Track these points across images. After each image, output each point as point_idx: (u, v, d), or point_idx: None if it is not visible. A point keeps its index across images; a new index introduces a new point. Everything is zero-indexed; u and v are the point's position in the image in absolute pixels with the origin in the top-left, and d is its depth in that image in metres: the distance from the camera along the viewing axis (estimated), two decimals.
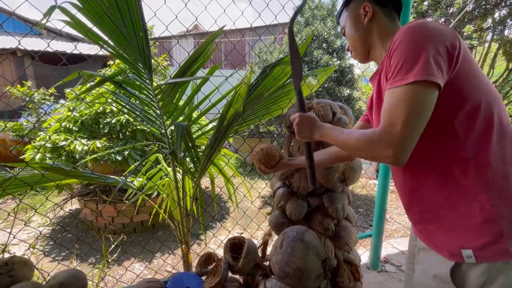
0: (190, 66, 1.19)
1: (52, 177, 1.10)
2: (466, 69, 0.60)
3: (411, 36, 0.59)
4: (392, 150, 0.58)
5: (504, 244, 0.57)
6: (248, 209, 3.02)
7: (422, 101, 0.56)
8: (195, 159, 1.36)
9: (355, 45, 0.86)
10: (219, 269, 1.29)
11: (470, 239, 0.61)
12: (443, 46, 0.57)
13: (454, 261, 0.62)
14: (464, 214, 0.62)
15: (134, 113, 1.41)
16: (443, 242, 0.66)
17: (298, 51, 0.95)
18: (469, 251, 0.60)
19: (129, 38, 1.15)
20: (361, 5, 0.80)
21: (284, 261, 0.86)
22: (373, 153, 0.63)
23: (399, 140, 0.57)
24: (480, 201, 0.60)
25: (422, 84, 0.56)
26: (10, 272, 0.99)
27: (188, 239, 1.51)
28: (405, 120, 0.56)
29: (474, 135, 0.61)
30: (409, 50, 0.58)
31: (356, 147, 0.67)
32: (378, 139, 0.60)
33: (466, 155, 0.61)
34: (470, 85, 0.61)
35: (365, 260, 1.96)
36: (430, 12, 3.80)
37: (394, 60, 0.61)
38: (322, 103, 1.25)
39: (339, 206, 1.24)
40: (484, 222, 0.59)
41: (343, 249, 1.30)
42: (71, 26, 1.07)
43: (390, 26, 0.79)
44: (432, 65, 0.56)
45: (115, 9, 1.08)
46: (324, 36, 3.14)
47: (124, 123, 2.52)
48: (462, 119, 0.61)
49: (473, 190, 0.61)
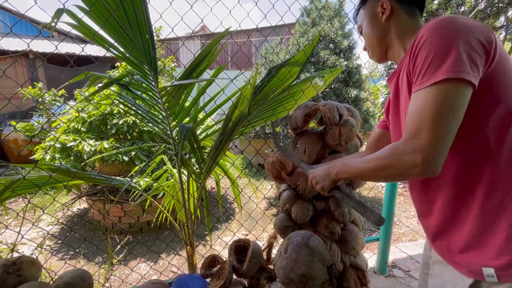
0: (195, 67, 1.19)
1: (59, 178, 1.11)
2: (502, 68, 0.55)
3: (439, 31, 0.54)
4: (421, 156, 0.51)
5: None
6: (254, 211, 3.01)
7: (453, 101, 0.50)
8: (200, 160, 1.36)
9: (372, 44, 0.81)
10: (223, 272, 1.29)
11: (492, 257, 0.56)
12: (476, 41, 0.52)
13: (474, 278, 0.58)
14: (487, 230, 0.57)
15: (140, 115, 1.42)
16: (462, 259, 0.61)
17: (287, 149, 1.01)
18: (491, 270, 0.56)
19: (135, 41, 1.15)
20: (379, 2, 0.75)
21: (288, 267, 0.84)
22: (399, 166, 0.55)
23: (428, 145, 0.51)
24: (507, 217, 0.55)
25: (453, 82, 0.50)
26: (18, 271, 1.00)
27: (193, 240, 1.51)
28: (434, 122, 0.50)
29: (506, 144, 0.55)
30: (437, 47, 0.52)
31: (379, 167, 0.60)
32: (403, 148, 0.54)
33: (497, 166, 0.56)
34: (505, 85, 0.55)
35: (372, 264, 1.92)
36: (440, 11, 3.72)
37: (420, 59, 0.55)
38: (328, 105, 1.23)
39: (346, 210, 1.21)
40: (508, 239, 0.55)
41: (350, 253, 1.27)
42: (77, 29, 1.08)
43: (410, 24, 0.73)
44: (465, 61, 0.50)
45: (121, 11, 1.08)
46: (331, 37, 3.11)
47: (131, 124, 2.54)
48: (494, 126, 0.55)
49: (500, 204, 0.56)
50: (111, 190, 2.94)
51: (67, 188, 1.87)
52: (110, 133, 2.52)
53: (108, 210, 2.66)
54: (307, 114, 1.29)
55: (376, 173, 0.62)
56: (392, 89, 0.74)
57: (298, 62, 1.35)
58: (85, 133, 2.59)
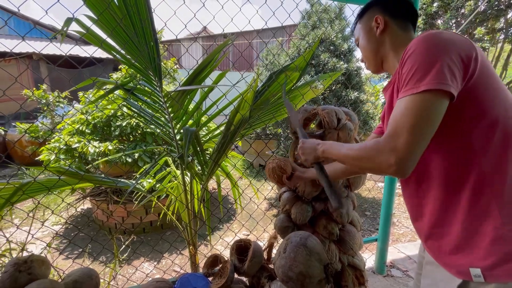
0: (199, 74, 1.23)
1: (68, 180, 1.16)
2: (484, 81, 0.59)
3: (425, 45, 0.58)
4: (395, 158, 0.56)
5: None
6: (255, 212, 3.05)
7: (431, 110, 0.55)
8: (203, 163, 1.41)
9: (368, 56, 0.86)
10: (225, 271, 1.33)
11: (479, 258, 0.59)
12: (457, 56, 0.56)
13: (462, 279, 0.62)
14: (474, 231, 0.61)
15: (145, 118, 1.47)
16: (452, 259, 0.65)
17: (291, 104, 1.05)
18: (478, 270, 0.59)
19: (140, 48, 1.20)
20: (374, 17, 0.80)
21: (287, 266, 0.88)
22: (375, 161, 0.60)
23: (404, 148, 0.55)
24: (492, 219, 0.58)
25: (433, 93, 0.55)
26: (29, 270, 1.05)
27: (196, 240, 1.55)
28: (411, 128, 0.55)
29: (491, 151, 0.59)
30: (422, 59, 0.57)
31: (358, 157, 0.65)
32: (382, 147, 0.59)
33: (482, 171, 0.59)
34: (489, 97, 0.59)
35: (371, 264, 1.96)
36: (440, 13, 3.75)
37: (406, 69, 0.60)
38: (327, 109, 1.27)
39: (344, 211, 1.25)
40: (494, 240, 0.58)
41: (348, 253, 1.31)
42: (86, 37, 1.12)
43: (404, 37, 0.78)
44: (445, 74, 0.54)
45: (128, 20, 1.13)
46: (331, 39, 3.15)
47: (135, 126, 2.59)
48: (480, 134, 0.59)
49: (485, 207, 0.59)
50: (114, 190, 2.99)
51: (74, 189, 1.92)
52: (114, 134, 2.57)
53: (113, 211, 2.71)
54: (307, 118, 1.33)
55: (355, 161, 0.67)
56: (388, 98, 0.78)
57: (298, 67, 1.39)
58: (89, 134, 2.64)
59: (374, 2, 0.83)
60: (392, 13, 0.79)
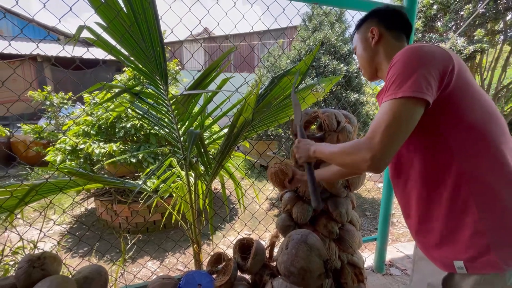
0: (204, 79, 1.28)
1: (78, 181, 1.21)
2: (461, 90, 0.64)
3: (407, 57, 0.64)
4: (370, 155, 0.62)
5: (494, 256, 0.60)
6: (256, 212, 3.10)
7: (405, 114, 0.61)
8: (207, 164, 1.45)
9: (364, 64, 0.91)
10: (229, 268, 1.37)
11: (461, 251, 0.64)
12: (434, 68, 0.62)
13: (447, 271, 0.67)
14: (455, 227, 0.66)
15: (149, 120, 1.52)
16: (438, 253, 0.69)
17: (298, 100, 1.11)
18: (460, 262, 0.64)
19: (147, 53, 1.25)
20: (369, 28, 0.85)
21: (289, 261, 0.93)
22: (354, 157, 0.67)
23: (379, 147, 0.62)
24: (471, 215, 0.63)
25: (408, 99, 0.61)
26: (42, 266, 1.09)
27: (200, 239, 1.60)
28: (386, 129, 0.61)
29: (467, 153, 0.64)
30: (402, 69, 0.63)
31: (340, 153, 0.72)
32: (361, 145, 0.65)
33: (460, 172, 0.64)
34: (465, 105, 0.64)
35: (370, 263, 2.00)
36: (439, 16, 3.79)
37: (389, 77, 0.66)
38: (327, 112, 1.31)
39: (343, 211, 1.30)
40: (473, 235, 0.63)
41: (347, 251, 1.35)
42: (96, 44, 1.17)
43: (397, 48, 0.82)
44: (421, 83, 0.60)
45: (136, 27, 1.18)
46: (331, 42, 3.19)
47: (139, 127, 2.64)
48: (457, 137, 0.64)
49: (465, 204, 0.64)
50: (118, 190, 3.04)
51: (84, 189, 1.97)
52: (118, 136, 2.62)
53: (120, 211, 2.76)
54: (307, 120, 1.38)
55: (338, 157, 0.74)
56: (380, 103, 0.83)
57: (299, 71, 1.44)
58: (94, 136, 2.69)
59: (371, 14, 0.88)
60: (386, 24, 0.84)
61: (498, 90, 4.27)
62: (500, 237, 0.61)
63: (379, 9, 0.88)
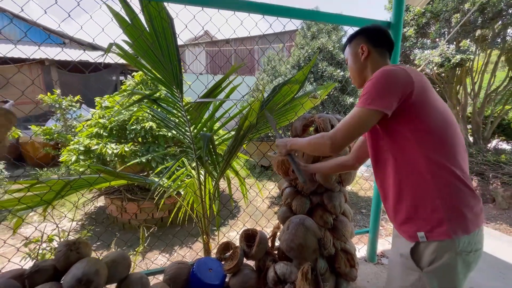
0: (214, 89, 1.47)
1: (106, 177, 1.39)
2: (420, 103, 0.82)
3: (379, 77, 0.83)
4: (330, 142, 0.89)
5: (446, 227, 0.79)
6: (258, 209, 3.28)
7: (361, 119, 0.84)
8: (216, 163, 1.64)
9: (354, 75, 1.09)
10: (236, 255, 1.55)
11: (423, 225, 0.83)
12: (396, 89, 0.81)
13: (413, 241, 0.85)
14: (418, 207, 0.84)
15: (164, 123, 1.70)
16: (406, 227, 0.88)
17: (272, 118, 1.43)
18: (422, 233, 0.82)
19: (166, 66, 1.43)
20: (360, 45, 1.02)
21: (290, 239, 1.11)
22: (320, 143, 0.94)
23: (339, 138, 0.88)
24: (430, 197, 0.82)
25: (370, 110, 0.82)
26: (78, 250, 1.27)
27: (209, 230, 1.78)
28: (346, 127, 0.86)
29: (428, 150, 0.82)
30: (373, 87, 0.83)
31: (311, 143, 0.99)
32: (326, 135, 0.92)
33: (422, 164, 0.82)
34: (424, 114, 0.83)
35: (364, 254, 2.18)
36: (431, 23, 3.98)
37: (364, 89, 0.86)
38: (322, 117, 1.50)
39: (337, 203, 1.48)
40: (431, 211, 0.81)
41: (340, 239, 1.53)
42: (123, 58, 1.36)
43: (381, 63, 1.00)
44: (382, 100, 0.80)
45: (156, 44, 1.36)
46: (329, 49, 3.38)
47: (148, 129, 2.82)
48: (420, 139, 0.82)
49: (425, 189, 0.82)
50: (127, 189, 3.22)
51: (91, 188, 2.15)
52: (129, 137, 2.80)
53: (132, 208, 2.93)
54: (305, 124, 1.56)
55: (309, 146, 1.02)
56: None
57: (298, 80, 1.63)
58: (106, 137, 2.87)
59: (361, 32, 1.06)
60: (374, 43, 1.02)
61: (487, 93, 4.48)
62: (450, 213, 0.79)
63: (368, 28, 1.05)
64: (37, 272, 1.22)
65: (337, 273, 1.53)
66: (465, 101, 4.82)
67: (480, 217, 0.83)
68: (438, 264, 0.79)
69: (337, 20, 1.70)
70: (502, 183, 3.58)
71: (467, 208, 0.80)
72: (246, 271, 1.52)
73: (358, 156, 1.23)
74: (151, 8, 1.30)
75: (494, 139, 5.18)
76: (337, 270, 1.52)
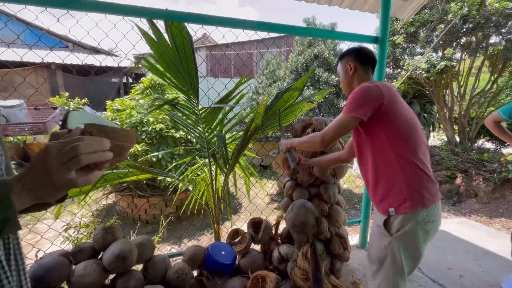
0: (227, 96, 1.71)
1: (133, 172, 1.61)
2: (391, 110, 1.07)
3: (359, 92, 1.08)
4: (321, 140, 1.16)
5: (409, 203, 1.04)
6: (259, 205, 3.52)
7: (346, 123, 1.10)
8: (227, 159, 1.87)
9: (344, 86, 1.34)
10: (244, 239, 1.79)
11: (393, 202, 1.08)
12: (371, 101, 1.05)
13: (386, 215, 1.10)
14: (390, 189, 1.08)
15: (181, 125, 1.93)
16: (381, 205, 1.12)
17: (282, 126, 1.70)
18: (392, 209, 1.07)
19: (185, 76, 1.66)
20: (348, 63, 1.28)
21: (293, 218, 1.36)
22: (313, 141, 1.20)
23: (328, 137, 1.14)
24: (398, 182, 1.06)
25: (351, 116, 1.07)
26: (113, 233, 1.50)
27: (219, 220, 2.01)
28: (335, 130, 1.12)
29: (398, 147, 1.07)
30: (352, 98, 1.08)
31: (306, 141, 1.26)
32: (318, 134, 1.18)
33: (393, 156, 1.07)
34: (394, 119, 1.08)
35: (356, 241, 2.43)
36: (420, 31, 4.28)
37: (348, 99, 1.12)
38: (319, 120, 1.75)
39: (331, 193, 1.73)
40: (399, 192, 1.06)
41: (335, 225, 1.78)
42: (150, 70, 1.59)
43: (365, 78, 1.25)
44: (360, 109, 1.05)
45: (177, 59, 1.59)
46: (324, 56, 3.65)
47: (158, 130, 3.05)
48: (390, 138, 1.07)
49: (396, 176, 1.07)
50: (136, 186, 3.43)
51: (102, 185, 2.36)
52: (141, 138, 3.02)
53: (141, 204, 3.14)
54: (304, 126, 1.81)
55: (303, 143, 1.30)
56: None
57: (297, 88, 1.87)
58: None
59: (350, 51, 1.31)
60: (360, 61, 1.27)
61: (472, 96, 4.79)
62: (412, 193, 1.04)
63: (355, 49, 1.31)
64: (80, 251, 1.45)
65: (332, 254, 1.77)
66: (452, 104, 5.13)
67: (436, 196, 1.09)
68: (403, 231, 1.05)
69: (330, 36, 1.95)
70: (484, 179, 3.88)
71: (424, 189, 1.06)
72: (254, 252, 1.76)
73: (350, 152, 1.48)
74: (174, 28, 1.53)
75: (480, 139, 5.50)
76: (332, 252, 1.76)
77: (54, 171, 0.42)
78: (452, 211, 3.79)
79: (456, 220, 3.24)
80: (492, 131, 1.87)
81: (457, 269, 2.10)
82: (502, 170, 3.87)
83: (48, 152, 0.42)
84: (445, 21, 3.67)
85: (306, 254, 1.49)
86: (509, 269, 1.96)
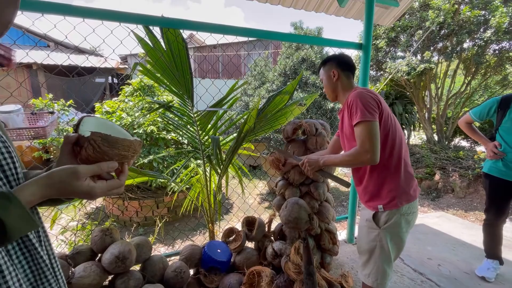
0: (221, 101, 1.78)
1: (131, 175, 1.65)
2: (385, 117, 1.17)
3: (362, 98, 1.13)
4: (369, 154, 1.07)
5: (396, 202, 1.15)
6: (251, 204, 3.59)
7: (374, 128, 1.08)
8: (221, 161, 1.94)
9: (328, 91, 1.42)
10: (239, 238, 1.87)
11: (381, 200, 1.19)
12: (372, 101, 1.13)
13: (375, 211, 1.21)
14: (380, 189, 1.19)
15: (174, 126, 1.97)
16: (371, 203, 1.23)
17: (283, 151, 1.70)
18: (381, 206, 1.18)
19: (180, 81, 1.72)
20: (331, 69, 1.35)
21: (288, 214, 1.45)
22: (360, 158, 1.11)
23: (370, 148, 1.07)
24: (387, 183, 1.17)
25: (371, 121, 1.08)
26: (111, 234, 1.53)
27: (214, 219, 2.07)
28: (369, 139, 1.07)
29: (390, 149, 1.17)
30: (355, 106, 1.12)
31: (349, 159, 1.16)
32: (359, 151, 1.10)
33: (387, 158, 1.17)
34: (387, 124, 1.18)
35: (344, 237, 2.57)
36: (400, 36, 4.51)
37: (351, 110, 1.15)
38: (308, 122, 1.85)
39: (321, 191, 1.83)
40: (387, 192, 1.17)
41: (324, 221, 1.89)
42: (146, 75, 1.63)
43: (348, 83, 1.34)
44: (366, 111, 1.10)
45: (173, 64, 1.64)
46: (311, 59, 3.78)
47: (149, 132, 3.05)
48: (383, 138, 1.16)
49: (384, 178, 1.18)
50: (127, 189, 3.41)
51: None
52: None
53: (133, 206, 3.13)
54: (295, 128, 1.90)
55: (344, 162, 1.21)
56: (340, 118, 1.36)
57: (288, 91, 1.97)
58: None
59: (331, 58, 1.38)
60: (342, 68, 1.35)
61: (448, 97, 5.11)
62: (400, 193, 1.16)
63: (337, 56, 1.39)
64: (78, 253, 1.47)
65: (322, 249, 1.88)
66: (431, 104, 5.43)
67: (417, 191, 1.22)
68: (389, 223, 1.17)
69: (317, 42, 2.06)
70: (460, 175, 4.15)
71: (408, 187, 1.18)
72: (248, 249, 1.84)
73: (333, 151, 1.56)
74: (169, 34, 1.58)
75: (456, 138, 5.85)
76: (322, 247, 1.87)
77: (80, 194, 0.50)
78: (431, 206, 4.04)
79: (436, 214, 3.46)
80: (464, 131, 2.05)
81: (436, 259, 2.27)
82: (475, 166, 4.16)
83: (77, 176, 0.49)
84: (423, 27, 3.90)
85: (298, 249, 1.59)
86: (481, 258, 2.14)
